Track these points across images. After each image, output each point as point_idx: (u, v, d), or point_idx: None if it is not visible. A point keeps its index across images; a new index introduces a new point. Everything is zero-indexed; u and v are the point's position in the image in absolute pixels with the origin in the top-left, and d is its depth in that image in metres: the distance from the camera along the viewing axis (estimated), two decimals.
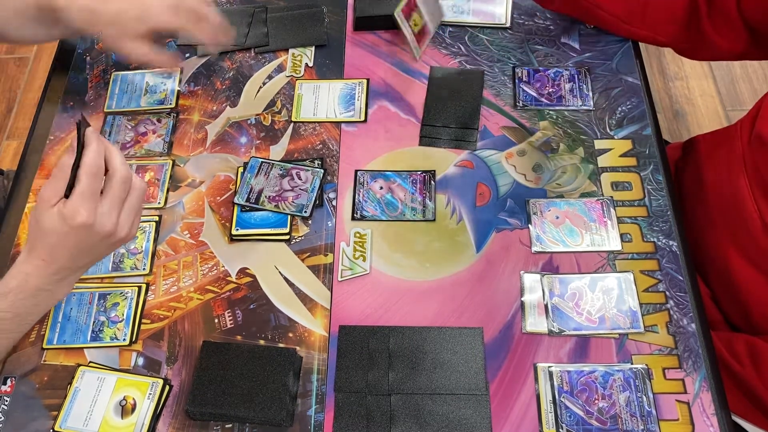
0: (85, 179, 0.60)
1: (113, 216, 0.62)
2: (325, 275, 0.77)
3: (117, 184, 0.62)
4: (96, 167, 0.61)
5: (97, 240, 0.62)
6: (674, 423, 0.66)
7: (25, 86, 1.99)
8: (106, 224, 0.61)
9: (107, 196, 0.62)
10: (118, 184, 0.62)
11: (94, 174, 0.60)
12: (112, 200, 0.62)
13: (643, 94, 0.89)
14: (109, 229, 0.62)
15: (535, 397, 0.68)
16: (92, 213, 0.60)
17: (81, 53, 0.99)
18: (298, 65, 0.94)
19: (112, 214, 0.62)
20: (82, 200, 0.60)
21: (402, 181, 0.83)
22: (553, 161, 0.84)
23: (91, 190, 0.60)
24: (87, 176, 0.60)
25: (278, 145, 0.87)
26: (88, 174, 0.60)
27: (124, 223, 0.63)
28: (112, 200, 0.62)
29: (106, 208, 0.61)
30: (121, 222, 0.63)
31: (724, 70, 1.91)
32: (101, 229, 0.61)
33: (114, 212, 0.62)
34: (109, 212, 0.61)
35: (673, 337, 0.71)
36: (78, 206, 0.59)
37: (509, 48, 0.94)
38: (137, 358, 0.73)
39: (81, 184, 0.60)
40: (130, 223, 0.64)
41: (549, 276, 0.75)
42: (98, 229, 0.61)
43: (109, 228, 0.62)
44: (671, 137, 1.78)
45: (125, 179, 0.63)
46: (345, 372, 0.70)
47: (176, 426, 0.68)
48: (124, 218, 0.63)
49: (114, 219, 0.62)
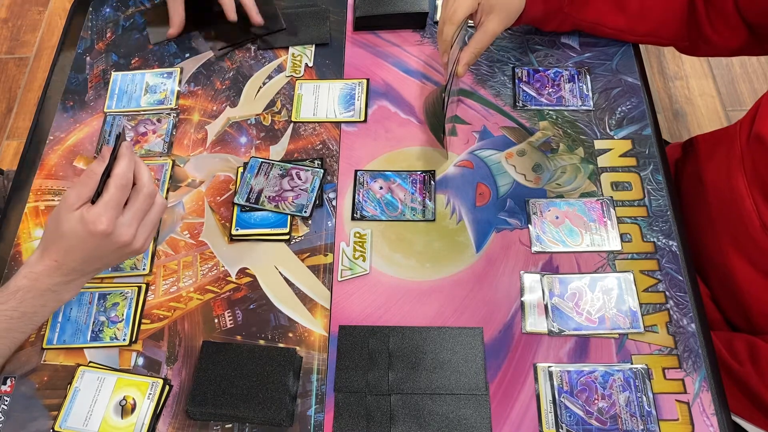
0: (113, 189, 0.62)
1: (132, 228, 0.64)
2: (325, 275, 0.77)
3: (142, 198, 0.65)
4: (126, 179, 0.63)
5: (112, 249, 0.64)
6: (674, 423, 0.66)
7: (25, 86, 1.99)
8: (124, 235, 0.63)
9: (130, 209, 0.64)
10: (143, 198, 0.65)
11: (123, 186, 0.63)
12: (135, 213, 0.64)
13: (642, 94, 0.89)
14: (125, 240, 0.64)
15: (535, 397, 0.68)
16: (112, 222, 0.62)
17: (81, 53, 0.99)
18: (298, 65, 0.94)
19: (131, 226, 0.64)
20: (106, 209, 0.62)
21: (402, 181, 0.83)
22: (553, 161, 0.84)
23: (117, 200, 0.62)
24: (116, 187, 0.62)
25: (278, 145, 0.87)
26: (117, 185, 0.62)
27: (140, 236, 0.65)
28: (134, 213, 0.64)
29: (127, 219, 0.64)
30: (138, 235, 0.65)
31: (724, 69, 1.91)
32: (118, 239, 0.63)
33: (134, 225, 0.64)
34: (129, 224, 0.64)
35: (673, 337, 0.71)
36: (101, 214, 0.61)
37: (509, 48, 0.94)
38: (137, 358, 0.73)
39: (108, 193, 0.62)
40: (146, 237, 0.66)
41: (549, 276, 0.75)
42: (115, 239, 0.63)
43: (126, 239, 0.64)
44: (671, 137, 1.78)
45: (150, 195, 0.65)
46: (345, 372, 0.70)
47: (176, 426, 0.68)
48: (142, 231, 0.66)
49: (132, 231, 0.64)
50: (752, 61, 1.91)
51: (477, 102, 0.89)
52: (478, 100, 0.90)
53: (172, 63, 0.96)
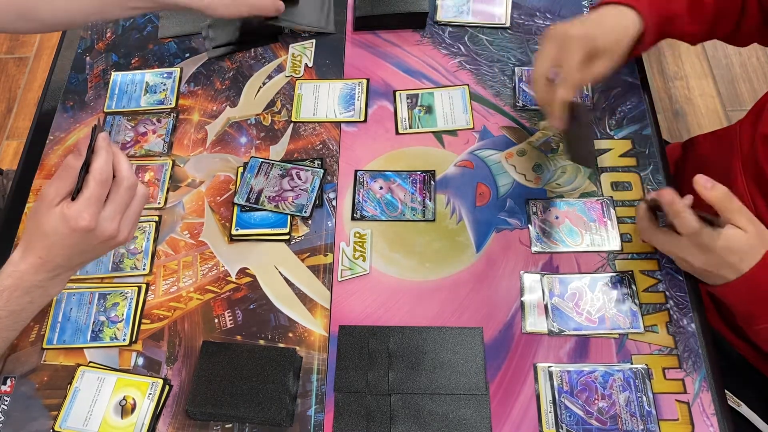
0: (93, 184, 0.61)
1: (115, 221, 0.63)
2: (325, 275, 0.77)
3: (123, 191, 0.63)
4: (106, 173, 0.62)
5: (96, 243, 0.63)
6: (674, 423, 0.66)
7: (25, 86, 1.99)
8: (107, 229, 0.62)
9: (112, 202, 0.63)
10: (124, 191, 0.63)
11: (103, 181, 0.61)
12: (117, 206, 0.63)
13: (642, 94, 0.89)
14: (109, 234, 0.63)
15: (535, 397, 0.68)
16: (95, 218, 0.61)
17: (81, 53, 0.99)
18: (298, 65, 0.94)
19: (114, 220, 0.63)
20: (87, 205, 0.61)
21: (402, 181, 0.83)
22: (553, 161, 0.84)
23: (98, 195, 0.61)
24: (96, 182, 0.61)
25: (278, 145, 0.87)
26: (97, 180, 0.61)
27: (123, 228, 0.64)
28: (116, 206, 0.63)
29: (109, 213, 0.63)
30: (122, 227, 0.64)
31: (724, 69, 1.91)
32: (102, 234, 0.62)
33: (116, 218, 0.63)
34: (111, 217, 0.63)
35: (673, 337, 0.71)
36: (82, 210, 0.60)
37: (509, 48, 0.94)
38: (137, 358, 0.73)
39: (89, 189, 0.61)
40: (129, 228, 0.65)
41: (549, 276, 0.75)
42: (98, 233, 0.62)
43: (109, 233, 0.63)
44: (671, 137, 1.78)
45: (131, 186, 0.64)
46: (345, 372, 0.70)
47: (176, 426, 0.68)
48: (125, 224, 0.64)
49: (115, 225, 0.63)
50: (752, 61, 1.91)
51: (477, 102, 0.89)
52: (478, 100, 0.90)
53: (172, 63, 0.96)
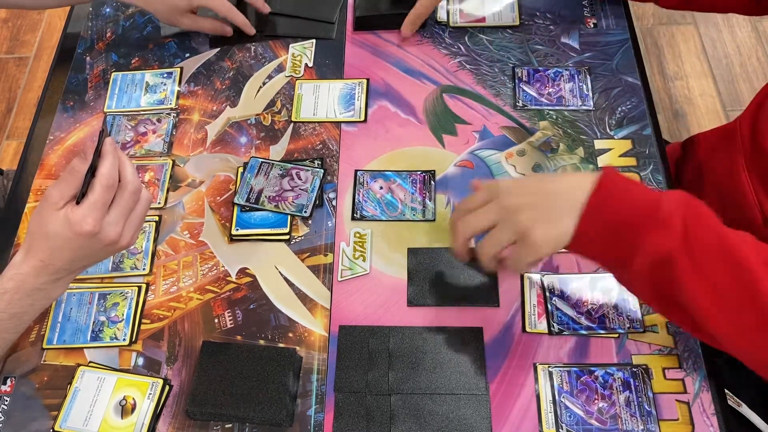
0: (99, 189, 0.61)
1: (119, 226, 0.63)
2: (325, 275, 0.77)
3: (127, 195, 0.64)
4: (112, 179, 0.62)
5: (99, 247, 0.63)
6: (674, 423, 0.66)
7: (25, 86, 1.99)
8: (111, 234, 0.63)
9: (116, 207, 0.63)
10: (129, 195, 0.64)
11: (109, 186, 0.62)
12: (120, 211, 0.63)
13: (642, 94, 0.89)
14: (112, 239, 0.63)
15: (535, 397, 0.68)
16: (99, 222, 0.61)
17: (81, 53, 0.99)
18: (298, 65, 0.94)
19: (118, 225, 0.63)
20: (92, 210, 0.61)
21: (402, 181, 0.83)
22: (553, 161, 0.84)
23: (103, 200, 0.62)
24: (102, 187, 0.61)
25: (278, 145, 0.87)
26: (103, 185, 0.61)
27: (127, 233, 0.65)
28: (120, 211, 0.63)
29: (113, 218, 0.63)
30: (125, 232, 0.64)
31: (724, 69, 1.91)
32: (105, 238, 0.62)
33: (120, 223, 0.63)
34: (115, 222, 0.63)
35: (673, 337, 0.71)
36: (87, 215, 0.61)
37: (509, 48, 0.94)
38: (137, 358, 0.73)
39: (95, 194, 0.61)
40: (132, 233, 0.66)
41: (549, 276, 0.75)
42: (102, 238, 0.62)
43: (112, 237, 0.63)
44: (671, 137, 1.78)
45: (136, 191, 0.64)
46: (345, 372, 0.70)
47: (176, 426, 0.68)
48: (128, 228, 0.65)
49: (119, 229, 0.63)
50: (752, 60, 1.92)
51: (477, 102, 0.89)
52: (478, 100, 0.90)
53: (172, 63, 0.96)
